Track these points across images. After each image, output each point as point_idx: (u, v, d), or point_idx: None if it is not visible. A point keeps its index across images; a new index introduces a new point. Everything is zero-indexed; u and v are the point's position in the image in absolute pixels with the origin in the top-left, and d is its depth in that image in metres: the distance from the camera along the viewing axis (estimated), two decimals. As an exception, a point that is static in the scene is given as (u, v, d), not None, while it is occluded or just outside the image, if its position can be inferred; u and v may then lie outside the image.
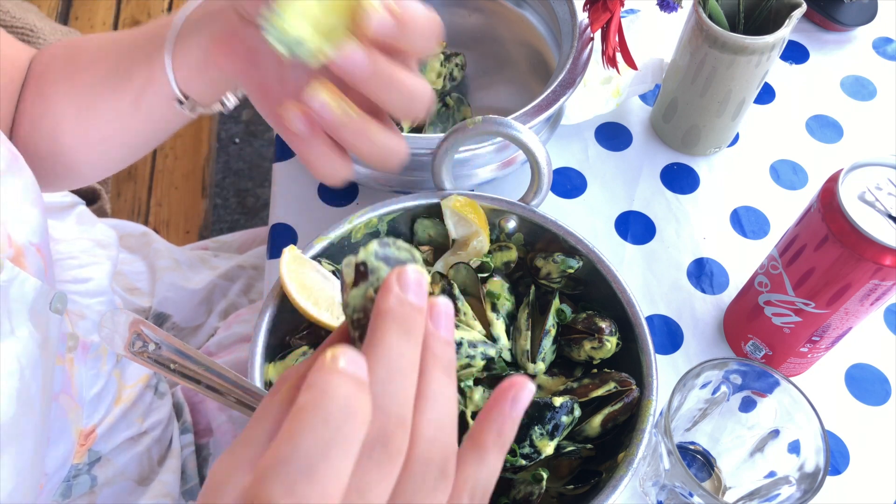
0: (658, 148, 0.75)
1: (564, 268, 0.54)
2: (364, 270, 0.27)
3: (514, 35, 0.77)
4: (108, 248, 0.72)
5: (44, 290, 0.48)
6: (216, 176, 1.78)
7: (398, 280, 0.26)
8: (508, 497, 0.49)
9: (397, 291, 0.26)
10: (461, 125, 0.55)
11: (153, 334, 0.43)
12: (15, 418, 0.45)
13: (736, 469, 0.56)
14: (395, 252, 0.27)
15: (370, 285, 0.27)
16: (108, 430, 0.60)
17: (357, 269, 0.27)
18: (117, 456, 0.62)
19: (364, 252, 0.27)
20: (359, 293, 0.27)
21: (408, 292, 0.26)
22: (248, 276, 0.82)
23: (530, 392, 0.28)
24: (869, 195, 0.48)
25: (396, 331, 0.25)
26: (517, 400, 0.28)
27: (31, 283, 0.47)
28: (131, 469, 0.62)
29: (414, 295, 0.26)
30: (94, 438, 0.59)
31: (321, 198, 0.72)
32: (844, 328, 0.55)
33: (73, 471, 0.59)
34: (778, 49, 0.63)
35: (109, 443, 0.61)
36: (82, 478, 0.59)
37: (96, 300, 0.65)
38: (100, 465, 0.60)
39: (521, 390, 0.28)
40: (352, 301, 0.27)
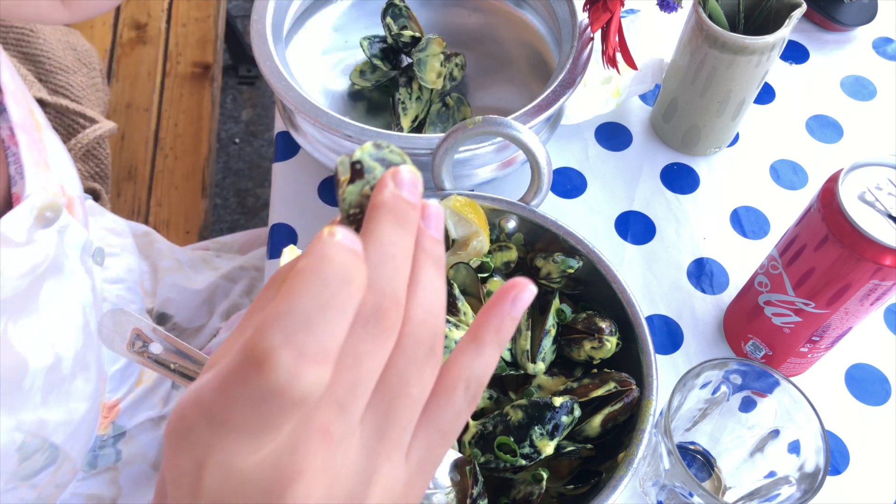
0: (658, 148, 0.75)
1: (564, 268, 0.54)
2: (360, 168, 0.28)
3: (514, 35, 0.77)
4: (122, 235, 0.74)
5: (88, 241, 0.54)
6: (216, 176, 1.78)
7: (393, 177, 0.27)
8: (508, 497, 0.49)
9: (392, 187, 0.27)
10: (461, 125, 0.55)
11: (154, 334, 0.43)
12: (83, 349, 0.51)
13: (736, 469, 0.56)
14: (389, 155, 0.29)
15: (366, 183, 0.28)
16: (131, 407, 0.64)
17: (353, 167, 0.28)
18: (140, 434, 0.65)
19: (360, 151, 0.28)
20: (355, 189, 0.28)
21: (402, 189, 0.27)
22: (251, 276, 0.82)
23: (531, 293, 0.29)
24: (869, 195, 0.48)
25: (391, 221, 0.26)
26: (518, 299, 0.28)
27: (81, 232, 0.52)
28: (151, 452, 0.65)
29: (408, 192, 0.27)
30: (118, 412, 0.63)
31: (321, 198, 0.72)
32: (844, 328, 0.55)
33: (98, 441, 0.63)
34: (778, 49, 0.63)
35: (132, 419, 0.65)
36: (108, 450, 0.63)
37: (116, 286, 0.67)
38: (125, 441, 0.64)
39: (523, 291, 0.29)
40: (348, 196, 0.28)
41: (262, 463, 0.24)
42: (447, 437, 0.28)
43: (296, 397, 0.22)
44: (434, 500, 0.44)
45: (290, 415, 0.23)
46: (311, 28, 0.76)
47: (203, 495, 0.24)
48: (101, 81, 1.11)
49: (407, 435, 0.27)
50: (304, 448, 0.24)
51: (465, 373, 0.28)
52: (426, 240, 0.28)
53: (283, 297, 0.23)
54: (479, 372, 0.28)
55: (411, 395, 0.26)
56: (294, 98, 0.62)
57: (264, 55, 0.64)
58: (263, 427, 0.23)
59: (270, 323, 0.22)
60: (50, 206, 0.46)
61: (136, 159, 1.16)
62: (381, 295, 0.25)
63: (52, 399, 0.48)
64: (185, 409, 0.24)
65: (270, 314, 0.23)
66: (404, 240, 0.26)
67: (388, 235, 0.26)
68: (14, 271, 0.43)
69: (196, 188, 1.14)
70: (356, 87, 0.72)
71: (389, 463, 0.26)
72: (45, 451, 0.49)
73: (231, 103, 1.93)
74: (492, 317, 0.28)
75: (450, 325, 0.49)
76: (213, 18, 1.35)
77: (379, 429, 0.26)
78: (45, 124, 0.52)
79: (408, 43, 0.69)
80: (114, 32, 1.29)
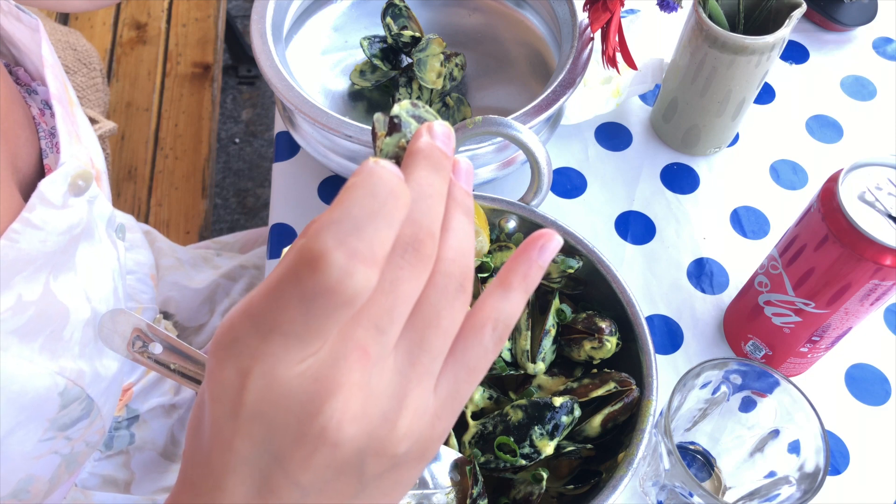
0: (658, 148, 0.75)
1: (564, 268, 0.54)
2: (398, 123, 0.30)
3: (514, 35, 0.77)
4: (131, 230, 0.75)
5: (112, 215, 0.56)
6: (216, 176, 1.78)
7: (428, 130, 0.29)
8: (508, 497, 0.49)
9: (427, 137, 0.28)
10: (461, 125, 0.55)
11: (154, 334, 0.44)
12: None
13: (736, 469, 0.56)
14: (424, 113, 0.31)
15: (402, 136, 0.30)
16: (143, 391, 0.66)
17: (391, 121, 0.30)
18: (152, 419, 0.68)
19: (398, 107, 0.30)
20: (392, 141, 0.30)
21: (437, 140, 0.29)
22: (251, 275, 0.83)
23: (558, 243, 0.30)
24: (869, 195, 0.48)
25: (427, 165, 0.28)
26: (545, 248, 0.30)
27: (107, 204, 0.55)
28: (160, 440, 0.68)
29: (442, 143, 0.29)
30: (131, 396, 0.65)
31: (321, 198, 0.72)
32: (844, 328, 0.55)
33: (114, 423, 0.65)
34: (778, 49, 0.63)
35: (145, 403, 0.67)
36: (122, 432, 0.66)
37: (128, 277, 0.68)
38: (138, 425, 0.67)
39: (550, 241, 0.30)
40: (385, 147, 0.30)
41: (303, 375, 0.24)
42: (474, 374, 0.29)
43: (346, 296, 0.23)
44: (434, 500, 0.44)
45: (338, 317, 0.24)
46: (311, 28, 0.76)
47: (244, 407, 0.25)
48: (101, 81, 1.11)
49: (437, 364, 0.28)
50: (344, 363, 0.25)
51: (494, 313, 0.29)
52: (457, 190, 0.29)
53: (335, 207, 0.24)
54: (506, 313, 0.29)
55: (442, 325, 0.27)
56: (294, 98, 0.62)
57: (264, 55, 0.64)
58: (311, 330, 0.24)
59: (324, 227, 0.24)
60: (82, 174, 0.48)
61: (136, 159, 1.16)
62: (417, 227, 0.26)
63: (88, 352, 0.50)
64: (234, 320, 0.25)
65: (323, 220, 0.24)
66: (439, 182, 0.28)
67: (425, 177, 0.27)
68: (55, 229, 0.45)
69: (196, 188, 1.14)
70: (356, 87, 0.72)
71: (420, 388, 0.27)
72: (82, 401, 0.50)
73: (231, 103, 1.93)
74: (519, 263, 0.30)
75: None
76: (213, 18, 1.35)
77: (411, 354, 0.27)
78: (76, 102, 0.55)
79: (408, 43, 0.69)
80: (114, 32, 1.29)
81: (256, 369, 0.24)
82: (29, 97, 0.54)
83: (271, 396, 0.25)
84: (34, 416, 0.47)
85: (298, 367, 0.24)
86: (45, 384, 0.46)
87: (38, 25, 0.52)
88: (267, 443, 0.25)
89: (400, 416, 0.26)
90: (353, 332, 0.25)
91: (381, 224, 0.24)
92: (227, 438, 0.26)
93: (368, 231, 0.24)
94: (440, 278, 0.27)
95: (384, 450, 0.26)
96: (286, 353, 0.24)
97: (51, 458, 0.51)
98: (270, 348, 0.24)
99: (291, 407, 0.25)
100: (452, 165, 0.29)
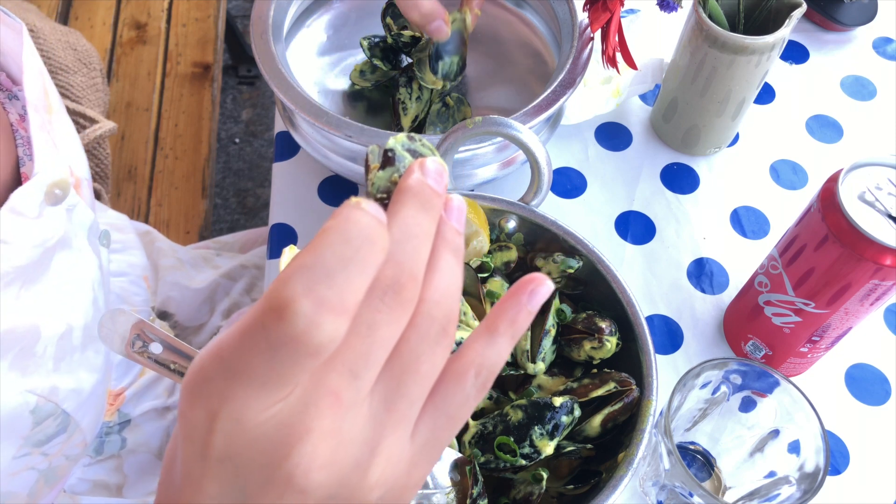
0: (658, 148, 0.75)
1: (564, 268, 0.54)
2: (392, 157, 0.29)
3: (514, 35, 0.77)
4: (123, 231, 0.74)
5: (95, 223, 0.55)
6: (216, 176, 1.78)
7: (420, 167, 0.28)
8: (508, 497, 0.49)
9: (419, 174, 0.28)
10: (461, 125, 0.55)
11: (154, 334, 0.43)
12: (92, 322, 0.52)
13: (736, 469, 0.56)
14: (420, 147, 0.30)
15: (395, 171, 0.29)
16: (136, 395, 0.66)
17: (385, 154, 0.29)
18: (145, 422, 0.67)
19: (394, 140, 0.29)
20: (384, 175, 0.29)
21: (428, 177, 0.28)
22: (251, 275, 0.83)
23: (548, 289, 0.29)
24: (869, 195, 0.48)
25: (416, 204, 0.27)
26: (535, 293, 0.29)
27: (88, 212, 0.54)
28: (154, 441, 0.67)
29: (433, 181, 0.28)
30: (123, 400, 0.65)
31: (321, 198, 0.72)
32: (844, 328, 0.55)
33: (104, 428, 0.64)
34: (778, 49, 0.63)
35: (137, 407, 0.66)
36: (113, 437, 0.65)
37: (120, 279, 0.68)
38: (130, 429, 0.66)
39: (541, 286, 0.29)
40: (377, 181, 0.29)
41: (272, 419, 0.24)
42: (454, 422, 0.28)
43: (312, 346, 0.23)
44: (434, 500, 0.44)
45: (304, 366, 0.23)
46: (311, 28, 0.76)
47: (213, 449, 0.24)
48: (101, 81, 1.11)
49: (414, 411, 0.27)
50: (314, 409, 0.24)
51: (478, 359, 0.28)
52: (447, 229, 0.28)
53: (307, 251, 0.24)
54: (491, 360, 0.28)
55: (421, 370, 0.27)
56: (294, 98, 0.62)
57: (264, 55, 0.64)
58: (278, 378, 0.23)
59: (293, 273, 0.23)
60: (58, 183, 0.48)
61: (136, 159, 1.16)
62: (399, 269, 0.26)
63: (63, 366, 0.49)
64: (204, 362, 0.24)
65: (293, 266, 0.23)
66: (427, 222, 0.27)
67: (413, 216, 0.27)
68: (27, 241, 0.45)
69: (196, 188, 1.14)
70: (356, 87, 0.72)
71: (395, 436, 0.26)
72: (57, 416, 0.50)
73: (231, 103, 1.93)
74: (508, 307, 0.29)
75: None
76: (213, 18, 1.35)
77: (387, 400, 0.26)
78: (58, 108, 0.54)
79: (408, 43, 0.69)
80: (114, 32, 1.29)
81: (224, 412, 0.24)
82: (9, 102, 0.53)
83: (240, 440, 0.24)
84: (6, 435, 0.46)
85: (267, 412, 0.24)
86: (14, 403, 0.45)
87: (21, 29, 0.51)
88: (235, 486, 0.25)
89: (372, 464, 0.26)
90: (325, 377, 0.24)
91: (353, 272, 0.24)
92: (197, 479, 0.25)
93: (339, 279, 0.23)
94: (422, 321, 0.27)
95: (355, 497, 0.26)
96: (254, 398, 0.24)
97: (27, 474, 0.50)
98: (238, 392, 0.24)
99: (259, 451, 0.24)
100: (444, 203, 0.29)
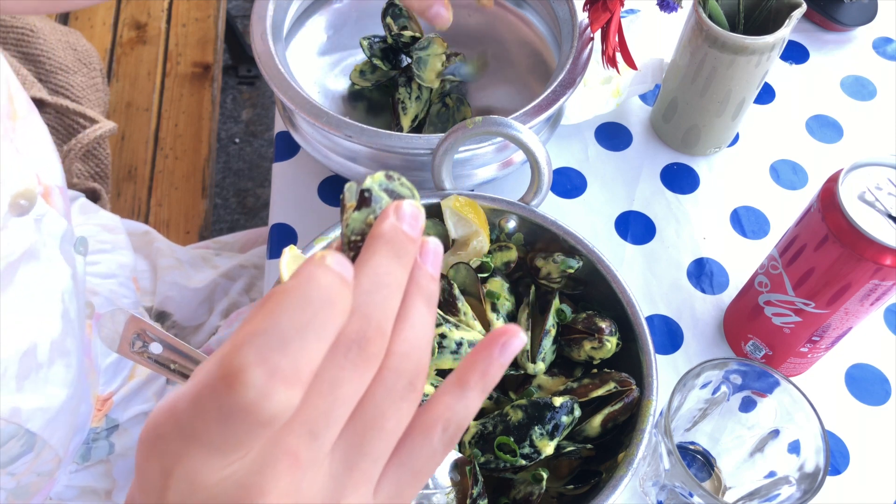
0: (658, 148, 0.75)
1: (564, 268, 0.54)
2: (368, 197, 0.28)
3: (514, 35, 0.77)
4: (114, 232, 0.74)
5: (69, 230, 0.54)
6: (216, 176, 1.78)
7: (395, 210, 0.27)
8: (508, 497, 0.49)
9: (393, 219, 0.27)
10: (461, 125, 0.55)
11: (154, 334, 0.43)
12: (62, 336, 0.51)
13: (736, 469, 0.56)
14: (399, 187, 0.29)
15: (371, 212, 0.28)
16: (124, 400, 0.65)
17: (361, 194, 0.28)
18: (133, 427, 0.66)
19: (371, 180, 0.28)
20: (360, 217, 0.28)
21: (403, 222, 0.27)
22: (250, 275, 0.82)
23: (521, 342, 0.29)
24: (869, 195, 0.48)
25: (387, 252, 0.26)
26: (507, 346, 0.28)
27: (60, 221, 0.53)
28: None
29: (408, 226, 0.27)
30: (111, 405, 0.64)
31: (321, 198, 0.72)
32: (844, 328, 0.55)
33: (91, 434, 0.63)
34: (778, 49, 0.63)
35: (126, 412, 0.65)
36: (101, 443, 0.64)
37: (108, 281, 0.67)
38: (118, 434, 0.65)
39: (513, 338, 0.28)
40: (352, 223, 0.28)
41: (227, 480, 0.24)
42: (419, 477, 0.27)
43: (263, 417, 0.22)
44: (434, 500, 0.44)
45: (257, 434, 0.23)
46: (311, 28, 0.76)
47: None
48: (101, 81, 1.11)
49: (377, 468, 0.26)
50: (271, 470, 0.24)
51: (446, 413, 0.27)
52: (422, 275, 0.27)
53: (264, 314, 0.23)
54: (460, 414, 0.27)
55: (385, 427, 0.26)
56: (294, 98, 0.62)
57: (264, 55, 0.64)
58: (230, 444, 0.23)
59: (246, 339, 0.22)
60: (23, 193, 0.46)
61: (136, 159, 1.16)
62: (366, 322, 0.25)
63: (27, 385, 0.48)
64: (159, 418, 0.24)
65: (248, 330, 0.23)
66: (399, 271, 0.26)
67: (384, 265, 0.26)
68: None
69: (196, 188, 1.14)
70: (356, 87, 0.72)
71: (356, 495, 0.26)
72: (20, 437, 0.49)
73: (231, 103, 1.93)
74: (479, 360, 0.28)
75: (450, 325, 0.49)
76: (213, 18, 1.35)
77: (349, 459, 0.25)
78: (24, 114, 0.52)
79: (408, 43, 0.69)
80: (114, 32, 1.29)
81: (179, 471, 0.23)
82: None
83: (194, 499, 0.24)
84: None
85: (222, 472, 0.24)
86: None
87: None
88: None
89: None
90: (283, 437, 0.24)
91: (310, 337, 0.23)
92: None
93: (294, 346, 0.23)
94: (389, 375, 0.26)
95: None
96: (208, 460, 0.23)
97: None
98: (192, 452, 0.23)
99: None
100: (420, 246, 0.28)
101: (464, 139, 0.55)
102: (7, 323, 0.46)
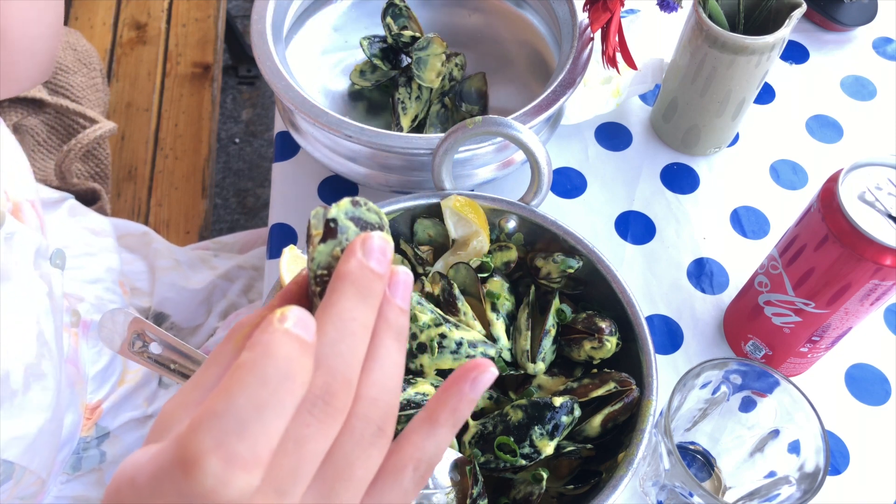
0: (658, 148, 0.75)
1: (564, 268, 0.54)
2: (334, 228, 0.27)
3: (514, 35, 0.77)
4: (102, 235, 0.73)
5: (43, 245, 0.52)
6: (216, 176, 1.78)
7: (362, 245, 0.26)
8: (508, 497, 0.49)
9: (360, 256, 0.26)
10: (461, 125, 0.55)
11: (153, 334, 0.43)
12: (37, 358, 0.49)
13: (736, 469, 0.56)
14: (366, 214, 0.28)
15: (338, 244, 0.27)
16: (114, 407, 0.64)
17: (327, 224, 0.27)
18: (125, 434, 0.65)
19: (336, 209, 0.27)
20: (325, 250, 0.27)
21: (370, 259, 0.26)
22: (249, 276, 0.82)
23: (492, 376, 0.28)
24: (869, 195, 0.48)
25: (353, 294, 0.25)
26: (477, 381, 0.28)
27: (32, 236, 0.51)
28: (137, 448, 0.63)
29: (376, 262, 0.26)
30: (101, 413, 0.63)
31: (321, 198, 0.72)
32: (844, 328, 0.55)
33: (82, 444, 0.62)
34: (778, 49, 0.63)
35: (116, 419, 0.64)
36: (92, 452, 0.63)
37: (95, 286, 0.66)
38: (109, 442, 0.64)
39: (483, 373, 0.28)
40: (317, 257, 0.27)
41: None
42: None
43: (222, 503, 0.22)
44: (434, 500, 0.44)
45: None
46: (311, 28, 0.76)
47: None
48: (101, 81, 1.11)
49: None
50: None
51: (417, 453, 0.27)
52: (391, 310, 0.27)
53: (221, 394, 0.22)
54: (430, 453, 0.27)
55: (355, 476, 0.26)
56: (294, 98, 0.62)
57: (264, 55, 0.64)
58: None
59: (203, 423, 0.22)
60: None
61: (136, 159, 1.16)
62: (331, 376, 0.24)
63: (1, 414, 0.46)
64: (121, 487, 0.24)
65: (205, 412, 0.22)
66: (365, 314, 0.26)
67: (349, 310, 0.25)
68: None
69: (196, 188, 1.14)
70: (356, 87, 0.72)
71: None
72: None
73: (231, 103, 1.93)
74: (449, 396, 0.28)
75: (450, 325, 0.49)
76: (213, 18, 1.35)
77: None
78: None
79: (408, 43, 0.69)
80: (114, 32, 1.29)
81: None
82: None
83: None
84: None
85: None
86: None
87: None
88: None
89: None
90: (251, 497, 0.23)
91: (268, 417, 0.22)
92: None
93: (253, 429, 0.22)
94: (357, 423, 0.25)
95: None
96: None
97: None
98: None
99: None
100: (389, 278, 0.27)
101: (464, 139, 0.55)
102: None
